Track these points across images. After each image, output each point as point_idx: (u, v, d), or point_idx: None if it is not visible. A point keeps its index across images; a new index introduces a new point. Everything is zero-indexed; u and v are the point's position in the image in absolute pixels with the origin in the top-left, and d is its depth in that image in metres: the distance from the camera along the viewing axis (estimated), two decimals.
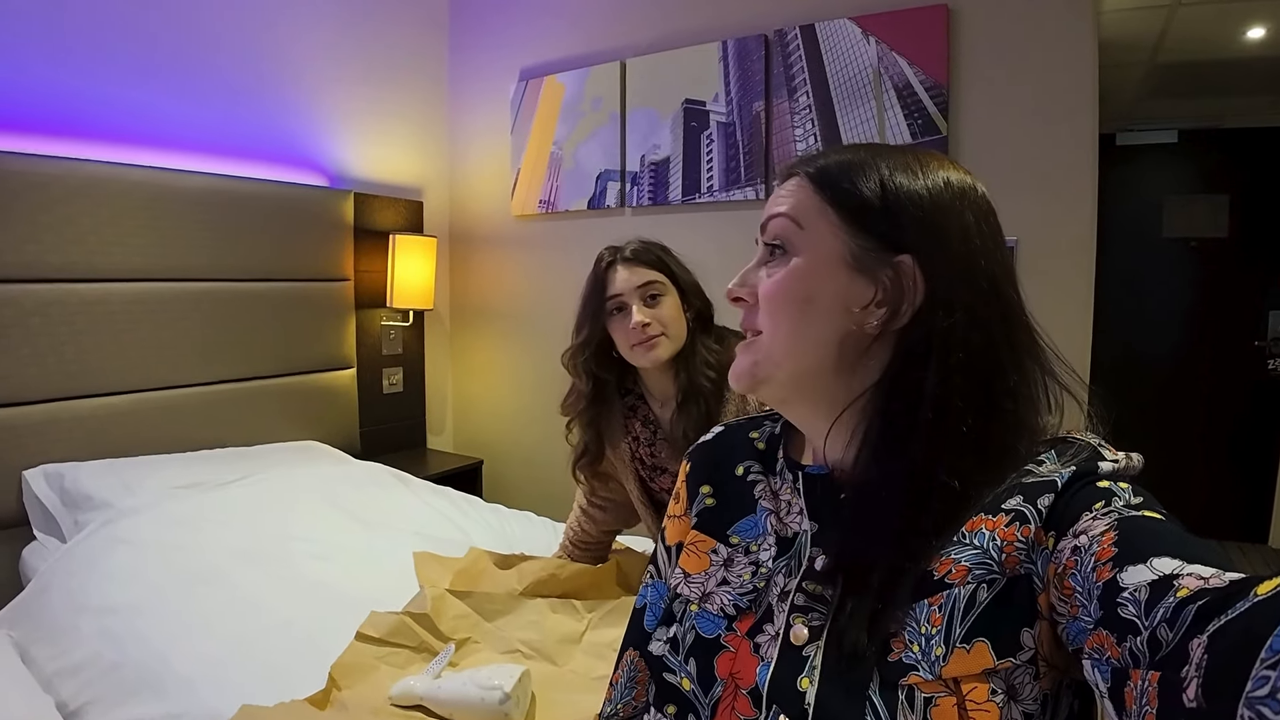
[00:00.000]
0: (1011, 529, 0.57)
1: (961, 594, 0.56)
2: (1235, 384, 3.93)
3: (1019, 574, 0.55)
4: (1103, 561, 0.49)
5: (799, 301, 0.66)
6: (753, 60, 2.57)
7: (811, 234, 0.66)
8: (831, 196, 0.66)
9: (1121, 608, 0.46)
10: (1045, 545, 0.55)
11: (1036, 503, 0.57)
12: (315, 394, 2.82)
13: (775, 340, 0.67)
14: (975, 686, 0.53)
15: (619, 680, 0.77)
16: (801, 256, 0.66)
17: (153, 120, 2.40)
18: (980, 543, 0.58)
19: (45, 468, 2.05)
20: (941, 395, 0.60)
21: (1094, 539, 0.51)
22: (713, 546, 0.73)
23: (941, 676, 0.54)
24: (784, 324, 0.66)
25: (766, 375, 0.68)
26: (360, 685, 1.33)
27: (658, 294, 1.51)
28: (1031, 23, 2.16)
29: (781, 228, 0.67)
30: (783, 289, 0.66)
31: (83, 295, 2.15)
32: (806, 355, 0.66)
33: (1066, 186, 2.13)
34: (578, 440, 1.66)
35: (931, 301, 0.62)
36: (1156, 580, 0.45)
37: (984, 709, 0.53)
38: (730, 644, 0.66)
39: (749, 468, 0.76)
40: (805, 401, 0.69)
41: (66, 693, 1.40)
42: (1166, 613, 0.43)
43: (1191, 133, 4.00)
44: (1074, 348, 2.13)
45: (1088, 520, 0.53)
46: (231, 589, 1.65)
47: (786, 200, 0.68)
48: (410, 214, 3.22)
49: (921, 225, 0.63)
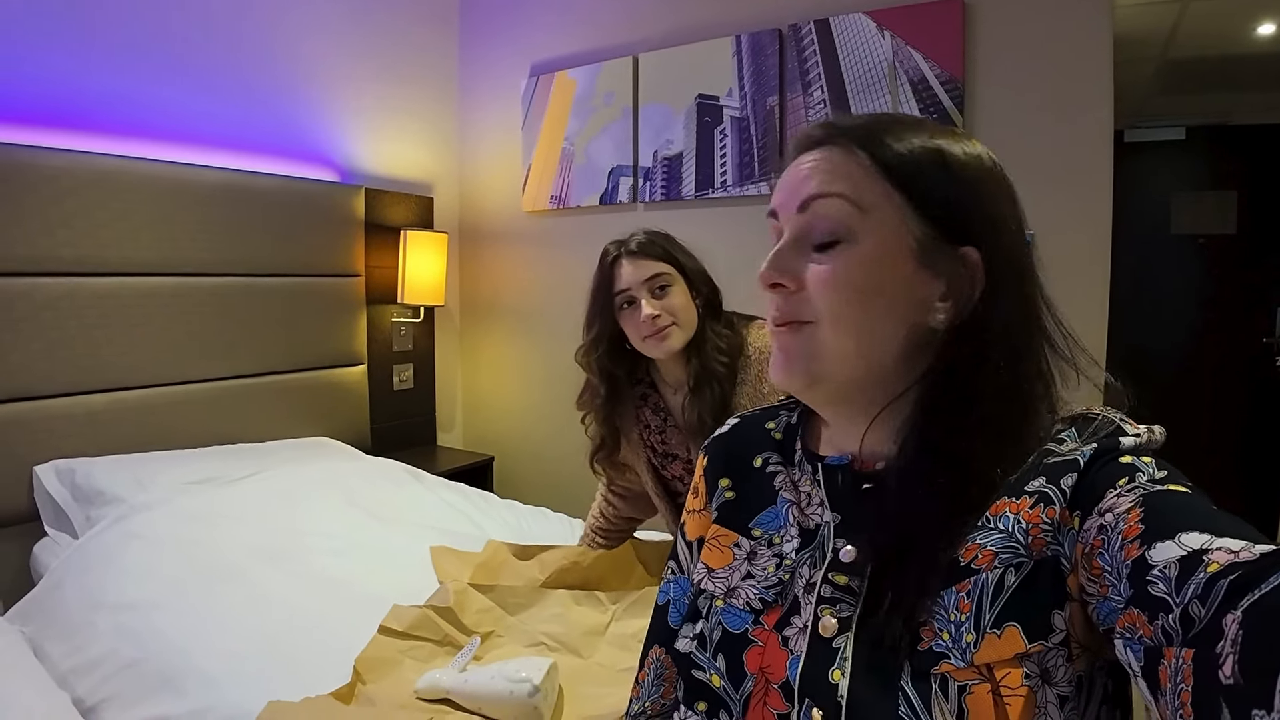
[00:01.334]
0: (1036, 511, 0.56)
1: (989, 579, 0.55)
2: (1244, 380, 3.93)
3: (1046, 556, 0.55)
4: (1130, 539, 0.48)
5: (869, 294, 0.61)
6: (767, 55, 2.56)
7: (875, 219, 0.61)
8: (898, 179, 0.61)
9: (1152, 585, 0.45)
10: (1071, 525, 0.54)
11: (1060, 483, 0.56)
12: (326, 390, 2.81)
13: (839, 337, 0.62)
14: (1009, 671, 0.53)
15: (645, 679, 0.76)
16: (864, 243, 0.61)
17: (169, 115, 2.39)
18: (1005, 526, 0.57)
19: (56, 463, 2.03)
20: (995, 387, 0.60)
21: (1120, 517, 0.50)
22: (735, 540, 0.72)
23: (974, 663, 0.54)
24: (850, 319, 0.61)
25: (825, 374, 0.63)
26: (385, 679, 1.32)
27: (666, 284, 1.51)
28: (1047, 17, 2.15)
29: (839, 210, 0.62)
30: (848, 279, 0.61)
31: (95, 289, 2.14)
32: (873, 354, 0.62)
33: (1082, 182, 2.12)
34: (595, 434, 1.67)
35: (990, 294, 0.61)
36: (1186, 556, 0.44)
37: (1018, 693, 0.52)
38: (758, 638, 0.65)
39: (767, 459, 0.75)
40: (852, 401, 0.66)
41: (83, 689, 1.39)
42: (1198, 589, 0.42)
43: (1199, 129, 3.99)
44: (1090, 343, 2.09)
45: (1113, 498, 0.52)
46: (249, 585, 1.64)
47: (837, 176, 0.62)
48: (421, 210, 3.21)
49: (984, 215, 0.62)
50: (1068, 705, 0.52)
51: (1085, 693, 0.54)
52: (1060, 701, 0.52)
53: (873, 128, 0.64)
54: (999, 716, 0.52)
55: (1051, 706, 0.52)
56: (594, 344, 1.56)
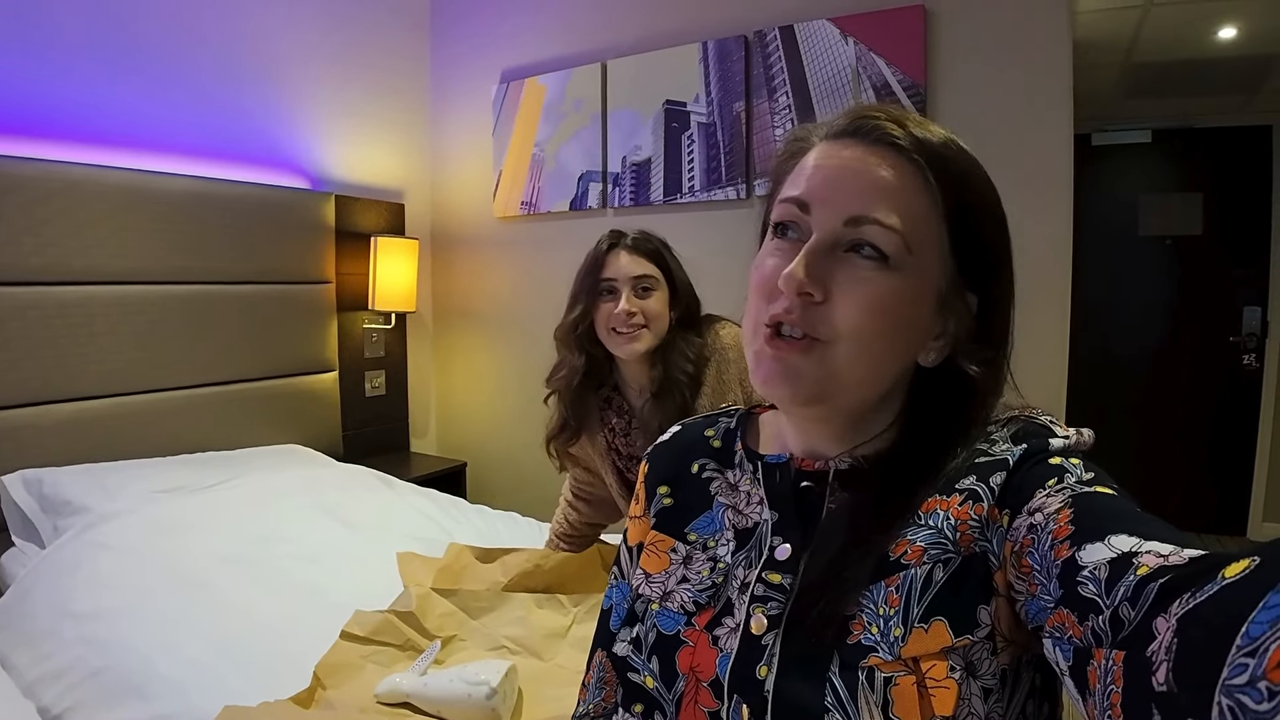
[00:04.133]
0: (965, 508, 0.58)
1: (918, 574, 0.57)
2: (1212, 378, 3.98)
3: (974, 552, 0.56)
4: (1060, 540, 0.49)
5: (892, 327, 0.60)
6: (733, 61, 2.58)
7: (920, 259, 0.60)
8: (959, 223, 0.61)
9: (1082, 586, 0.46)
10: (1000, 523, 0.55)
11: (989, 481, 0.58)
12: (297, 397, 2.81)
13: (858, 363, 0.60)
14: (934, 664, 0.54)
15: (590, 681, 0.77)
16: (903, 276, 0.59)
17: (133, 122, 2.38)
18: (935, 523, 0.58)
19: (23, 473, 2.02)
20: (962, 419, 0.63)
21: (1050, 516, 0.51)
22: (671, 545, 0.73)
23: (901, 657, 0.55)
24: (875, 346, 0.60)
25: (831, 394, 0.62)
26: (346, 684, 1.33)
27: (650, 288, 1.54)
28: (1008, 23, 2.19)
29: (890, 244, 0.59)
30: (881, 308, 0.59)
31: (61, 298, 2.13)
32: (880, 383, 0.63)
33: (1044, 185, 2.15)
34: (557, 416, 1.66)
35: (978, 333, 0.63)
36: (1116, 558, 0.45)
37: (943, 685, 0.53)
38: (689, 638, 0.66)
39: (704, 465, 0.76)
40: (846, 423, 0.66)
41: (49, 698, 1.38)
42: (1127, 591, 0.42)
43: (1165, 132, 4.05)
44: (1053, 344, 2.15)
45: (1042, 498, 0.53)
46: (216, 592, 1.64)
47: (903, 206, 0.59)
48: (392, 216, 3.21)
49: (999, 263, 0.64)
50: (991, 697, 0.54)
51: (1010, 686, 0.55)
52: (984, 694, 0.53)
53: (950, 155, 0.61)
54: (923, 708, 0.53)
55: (976, 699, 0.53)
56: (575, 323, 1.57)
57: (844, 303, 0.59)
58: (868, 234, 0.58)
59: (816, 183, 0.61)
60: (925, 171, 0.59)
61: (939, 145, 0.60)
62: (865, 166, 0.60)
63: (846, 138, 0.62)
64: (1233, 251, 3.92)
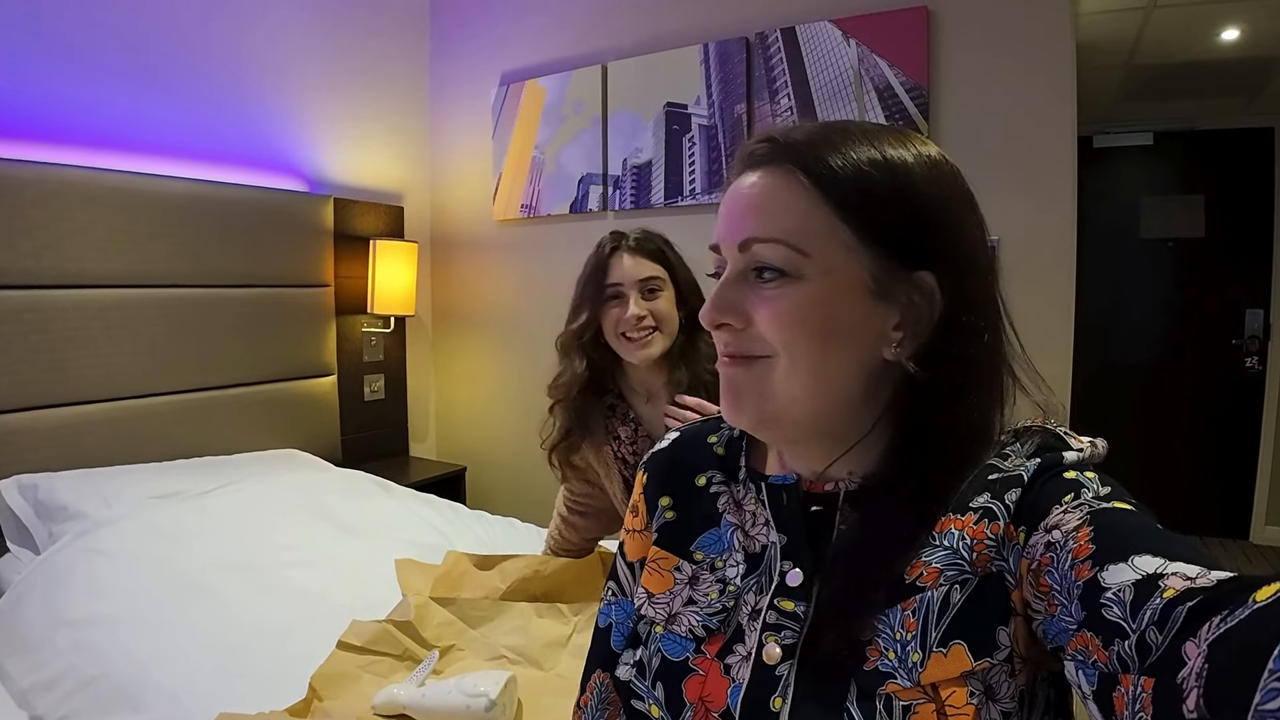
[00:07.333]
0: (980, 527, 0.56)
1: (935, 597, 0.55)
2: (1214, 381, 3.98)
3: (991, 572, 0.54)
4: (1081, 559, 0.48)
5: (818, 334, 0.58)
6: (734, 63, 2.57)
7: (821, 259, 0.57)
8: (845, 208, 0.57)
9: (1106, 609, 0.44)
10: (1016, 540, 0.54)
11: (1004, 498, 0.56)
12: (295, 402, 2.79)
13: (793, 375, 0.59)
14: (954, 690, 0.52)
15: (589, 704, 0.73)
16: (812, 282, 0.58)
17: (131, 124, 2.37)
18: (950, 543, 0.57)
19: (19, 478, 2.00)
20: (953, 418, 0.59)
21: (1068, 534, 0.50)
22: (676, 564, 0.69)
23: (919, 683, 0.53)
24: (804, 357, 0.58)
25: (777, 414, 0.61)
26: (343, 695, 1.31)
27: (656, 289, 1.51)
28: (1011, 25, 2.18)
29: (781, 256, 0.58)
30: (795, 319, 0.58)
31: (58, 302, 2.12)
32: (829, 393, 0.60)
33: (1047, 187, 2.14)
34: (560, 424, 1.61)
35: (948, 316, 0.59)
36: (1140, 580, 0.44)
37: (963, 712, 0.52)
38: (699, 667, 0.63)
39: (711, 477, 0.72)
40: (808, 440, 0.64)
41: (43, 707, 1.37)
42: (1154, 615, 0.41)
43: (1166, 134, 4.04)
44: (1057, 348, 2.14)
45: (1059, 514, 0.52)
46: (214, 599, 1.63)
47: (778, 212, 0.58)
48: (391, 219, 3.19)
49: (939, 233, 0.59)
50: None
51: (1027, 706, 0.54)
52: (1004, 717, 0.52)
53: (817, 143, 0.59)
54: None
55: None
56: (580, 330, 1.54)
57: (762, 323, 0.59)
58: (758, 254, 0.59)
59: (719, 223, 0.63)
60: (794, 173, 0.59)
61: (807, 141, 0.60)
62: (743, 191, 0.61)
63: (738, 171, 0.63)
64: (1235, 254, 3.91)
